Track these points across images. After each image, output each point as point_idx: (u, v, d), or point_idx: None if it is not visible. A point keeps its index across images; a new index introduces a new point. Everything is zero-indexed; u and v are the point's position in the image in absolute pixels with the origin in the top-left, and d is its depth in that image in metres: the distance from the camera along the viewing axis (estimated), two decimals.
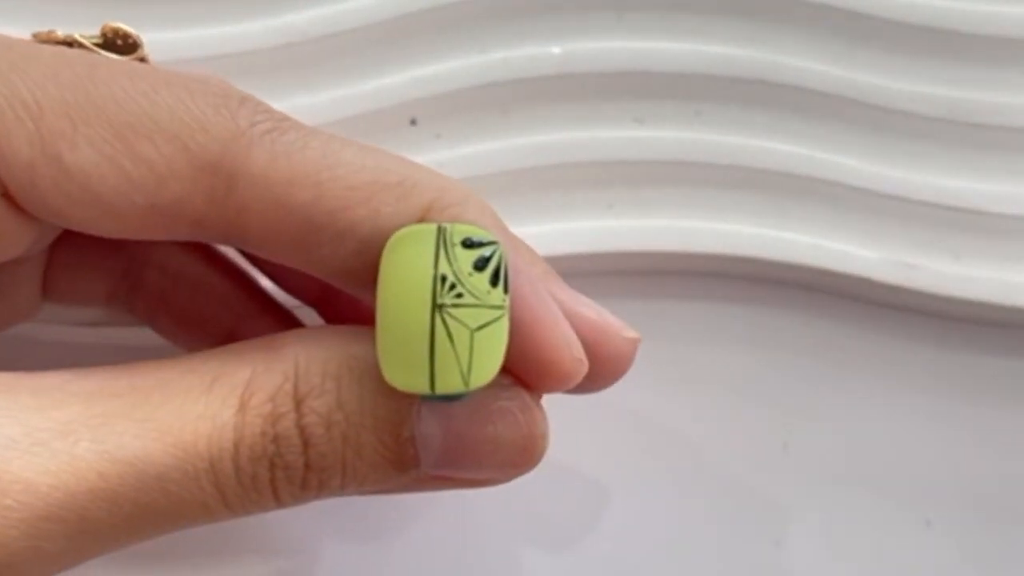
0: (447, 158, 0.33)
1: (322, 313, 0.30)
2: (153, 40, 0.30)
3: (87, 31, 0.32)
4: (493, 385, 0.23)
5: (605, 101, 0.34)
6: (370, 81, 0.33)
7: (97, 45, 0.27)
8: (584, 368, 0.25)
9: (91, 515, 0.22)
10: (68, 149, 0.23)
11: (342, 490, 0.24)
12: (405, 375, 0.22)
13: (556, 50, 0.34)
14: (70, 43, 0.26)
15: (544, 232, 0.33)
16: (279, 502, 0.24)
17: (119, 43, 0.27)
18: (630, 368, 0.26)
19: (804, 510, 0.34)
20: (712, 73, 0.34)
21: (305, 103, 0.33)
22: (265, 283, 0.30)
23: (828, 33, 0.34)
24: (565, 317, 0.24)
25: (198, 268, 0.29)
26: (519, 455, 0.24)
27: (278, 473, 0.23)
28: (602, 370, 0.26)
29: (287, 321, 0.30)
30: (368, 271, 0.23)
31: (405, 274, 0.22)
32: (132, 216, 0.23)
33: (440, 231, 0.23)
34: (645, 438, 0.26)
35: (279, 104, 0.33)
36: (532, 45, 0.34)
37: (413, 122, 0.34)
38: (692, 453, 0.33)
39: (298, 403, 0.23)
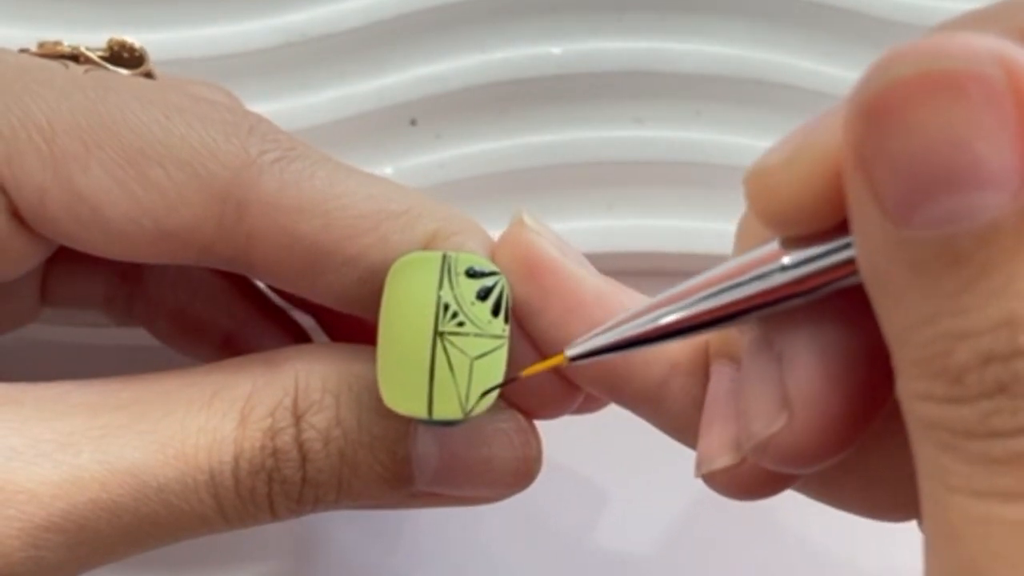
0: (447, 158, 0.33)
1: (320, 321, 0.30)
2: (153, 40, 0.30)
3: (88, 31, 0.32)
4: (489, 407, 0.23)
5: (605, 101, 0.34)
6: (370, 81, 0.33)
7: (103, 58, 0.27)
8: (579, 396, 0.25)
9: (92, 525, 0.22)
10: (80, 172, 0.23)
11: (337, 505, 0.24)
12: (404, 400, 0.22)
13: (556, 50, 0.34)
14: (76, 56, 0.26)
15: None
16: (275, 515, 0.24)
17: (125, 56, 0.27)
18: None
19: (805, 509, 0.34)
20: (712, 73, 0.34)
21: (305, 103, 0.33)
22: (263, 287, 0.30)
23: (828, 33, 0.34)
24: None
25: (196, 273, 0.29)
26: (513, 476, 0.25)
27: (275, 487, 0.23)
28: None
29: (286, 326, 0.30)
30: (372, 297, 0.23)
31: (408, 300, 0.23)
32: (141, 241, 0.23)
33: (444, 259, 0.23)
34: (645, 438, 0.26)
35: (279, 104, 0.33)
36: (532, 45, 0.34)
37: (413, 122, 0.34)
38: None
39: (297, 418, 0.23)
